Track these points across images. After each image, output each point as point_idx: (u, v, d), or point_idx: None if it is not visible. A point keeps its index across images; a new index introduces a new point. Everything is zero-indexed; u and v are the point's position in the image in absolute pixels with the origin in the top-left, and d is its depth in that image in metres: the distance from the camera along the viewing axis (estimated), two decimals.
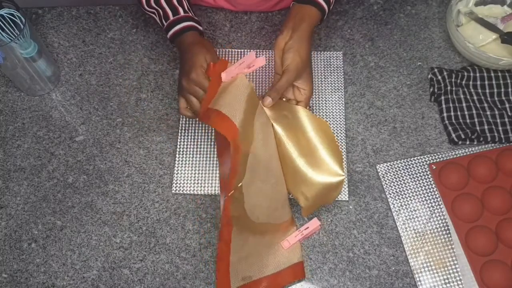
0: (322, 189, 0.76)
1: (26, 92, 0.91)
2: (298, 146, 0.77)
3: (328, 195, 0.77)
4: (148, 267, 0.78)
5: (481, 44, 0.90)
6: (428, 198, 0.81)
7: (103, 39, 0.97)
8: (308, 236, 0.77)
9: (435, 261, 0.77)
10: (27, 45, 0.81)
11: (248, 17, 0.98)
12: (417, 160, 0.84)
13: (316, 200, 0.76)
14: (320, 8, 0.78)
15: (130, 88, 0.92)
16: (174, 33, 0.81)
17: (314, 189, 0.75)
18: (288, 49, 0.74)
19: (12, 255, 0.79)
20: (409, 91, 0.91)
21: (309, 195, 0.75)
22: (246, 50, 0.95)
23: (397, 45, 0.95)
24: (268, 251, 0.76)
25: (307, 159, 0.76)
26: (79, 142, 0.87)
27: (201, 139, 0.87)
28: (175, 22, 0.81)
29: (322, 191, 0.76)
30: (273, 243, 0.77)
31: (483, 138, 0.84)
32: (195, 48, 0.77)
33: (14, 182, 0.84)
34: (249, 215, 0.72)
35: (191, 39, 0.79)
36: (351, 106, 0.89)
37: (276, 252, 0.77)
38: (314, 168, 0.76)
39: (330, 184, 0.76)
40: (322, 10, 0.79)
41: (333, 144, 0.76)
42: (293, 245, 0.77)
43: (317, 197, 0.76)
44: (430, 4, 1.00)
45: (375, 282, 0.76)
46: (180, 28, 0.80)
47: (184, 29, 0.80)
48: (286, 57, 0.74)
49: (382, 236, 0.79)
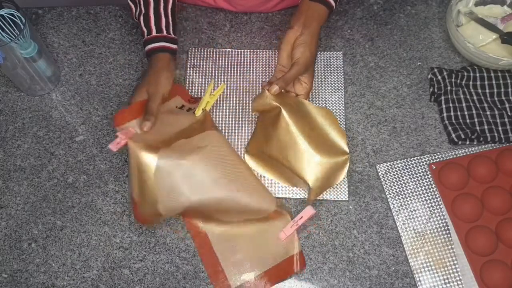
0: (330, 169, 0.79)
1: (26, 92, 0.91)
2: (304, 129, 0.79)
3: (334, 175, 0.80)
4: (148, 267, 0.78)
5: (481, 44, 0.90)
6: (428, 198, 0.81)
7: (103, 39, 0.97)
8: (303, 223, 0.77)
9: (435, 261, 0.77)
10: (27, 45, 0.81)
11: (248, 17, 0.98)
12: (417, 160, 0.84)
13: (323, 180, 0.79)
14: (328, 6, 0.82)
15: (130, 88, 0.92)
16: (145, 53, 0.85)
17: (322, 168, 0.78)
18: (299, 44, 0.78)
19: (12, 255, 0.79)
20: (409, 91, 0.91)
21: (318, 175, 0.78)
22: (246, 50, 0.95)
23: (397, 45, 0.95)
24: (263, 248, 0.77)
25: (313, 140, 0.79)
26: (79, 142, 0.87)
27: None
28: (147, 42, 0.84)
29: (329, 170, 0.79)
30: (266, 238, 0.78)
31: (483, 138, 0.84)
32: (152, 77, 0.81)
33: (14, 182, 0.84)
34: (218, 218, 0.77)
35: (155, 62, 0.83)
36: (351, 106, 0.89)
37: (272, 246, 0.77)
38: (321, 148, 0.79)
39: (336, 163, 0.79)
40: (330, 8, 0.83)
41: (337, 125, 0.83)
42: (289, 237, 0.77)
43: (325, 177, 0.79)
44: (430, 4, 1.00)
45: (375, 282, 0.76)
46: (149, 49, 0.84)
47: (153, 50, 0.84)
48: (297, 51, 0.78)
49: (382, 236, 0.79)
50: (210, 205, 0.76)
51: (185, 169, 0.74)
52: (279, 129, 0.79)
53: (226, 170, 0.77)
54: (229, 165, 0.78)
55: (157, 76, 0.81)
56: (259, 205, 0.78)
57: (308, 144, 0.78)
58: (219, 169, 0.76)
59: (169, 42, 0.85)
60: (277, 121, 0.79)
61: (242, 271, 0.76)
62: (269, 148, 0.81)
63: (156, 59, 0.83)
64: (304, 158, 0.78)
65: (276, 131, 0.80)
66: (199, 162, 0.75)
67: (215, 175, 0.75)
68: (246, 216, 0.78)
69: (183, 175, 0.74)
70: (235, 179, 0.77)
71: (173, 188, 0.74)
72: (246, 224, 0.79)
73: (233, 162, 0.79)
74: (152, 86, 0.80)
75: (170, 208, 0.75)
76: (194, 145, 0.77)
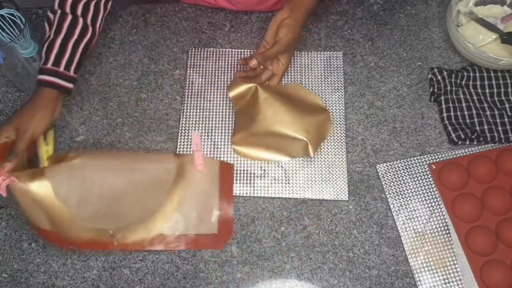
0: (317, 123, 0.86)
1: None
2: (283, 99, 0.86)
3: (324, 127, 0.87)
4: (148, 267, 0.78)
5: (481, 44, 0.90)
6: (428, 198, 0.81)
7: (103, 39, 0.97)
8: (197, 147, 0.79)
9: (435, 261, 0.77)
10: (27, 45, 0.81)
11: (248, 17, 0.98)
12: (417, 160, 0.84)
13: (315, 133, 0.85)
14: None
15: (130, 88, 0.92)
16: (39, 80, 0.79)
17: (310, 124, 0.85)
18: (284, 25, 0.82)
19: (12, 255, 0.79)
20: (409, 91, 0.91)
21: (309, 129, 0.84)
22: (246, 50, 0.95)
23: (397, 45, 0.95)
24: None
25: (294, 106, 0.86)
26: (79, 142, 0.87)
27: (201, 139, 0.87)
28: (41, 70, 0.79)
29: (317, 124, 0.86)
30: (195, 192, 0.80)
31: (483, 138, 0.84)
32: (26, 113, 0.76)
33: None
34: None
35: (37, 97, 0.78)
36: (351, 106, 0.89)
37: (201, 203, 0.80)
38: (303, 110, 0.86)
39: (321, 119, 0.87)
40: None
41: (309, 92, 0.90)
42: (204, 165, 0.80)
43: (316, 130, 0.85)
44: (430, 4, 1.00)
45: (375, 282, 0.76)
46: (39, 79, 0.78)
47: (42, 82, 0.78)
48: (281, 32, 0.82)
49: (382, 236, 0.79)
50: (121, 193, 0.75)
51: (79, 174, 0.74)
52: (260, 105, 0.85)
53: (121, 161, 0.78)
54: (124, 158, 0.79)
55: (32, 113, 0.76)
56: (163, 166, 0.79)
57: (292, 110, 0.85)
58: (114, 163, 0.77)
59: (64, 80, 0.79)
60: (256, 98, 0.85)
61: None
62: (255, 126, 0.84)
63: (40, 94, 0.78)
64: (291, 121, 0.84)
65: (258, 107, 0.85)
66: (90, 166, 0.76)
67: (112, 167, 0.76)
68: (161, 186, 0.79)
69: (81, 180, 0.74)
70: (131, 163, 0.78)
71: (79, 194, 0.73)
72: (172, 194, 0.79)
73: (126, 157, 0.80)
74: (23, 123, 0.75)
75: (89, 216, 0.74)
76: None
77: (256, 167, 0.84)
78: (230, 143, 0.86)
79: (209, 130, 0.88)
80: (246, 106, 0.87)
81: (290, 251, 0.78)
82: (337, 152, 0.85)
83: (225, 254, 0.78)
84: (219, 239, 0.78)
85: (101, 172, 0.73)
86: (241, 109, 0.87)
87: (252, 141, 0.85)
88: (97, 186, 0.72)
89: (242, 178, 0.83)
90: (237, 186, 0.83)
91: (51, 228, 0.75)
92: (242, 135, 0.85)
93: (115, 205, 0.73)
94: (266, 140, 0.84)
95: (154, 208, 0.78)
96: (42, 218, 0.75)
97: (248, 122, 0.85)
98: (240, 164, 0.85)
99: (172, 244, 0.77)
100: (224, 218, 0.79)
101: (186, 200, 0.79)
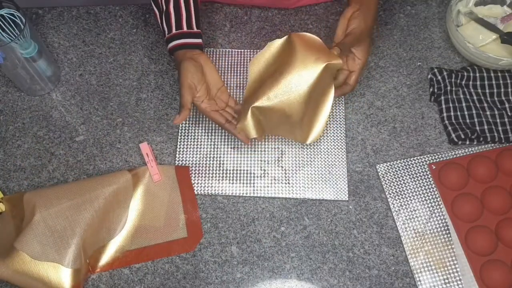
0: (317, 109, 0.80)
1: (26, 92, 0.91)
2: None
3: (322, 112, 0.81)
4: (148, 267, 0.78)
5: (481, 44, 0.90)
6: (428, 198, 0.81)
7: (103, 39, 0.97)
8: (152, 157, 0.82)
9: (435, 261, 0.77)
10: (27, 45, 0.81)
11: (248, 17, 0.98)
12: (417, 160, 0.84)
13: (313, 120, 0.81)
14: None
15: (130, 88, 0.92)
16: (169, 50, 0.83)
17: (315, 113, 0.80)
18: (355, 17, 0.78)
19: None
20: (409, 91, 0.91)
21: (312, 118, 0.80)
22: (246, 50, 0.95)
23: (397, 45, 0.95)
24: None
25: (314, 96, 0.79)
26: (79, 142, 0.87)
27: (201, 139, 0.87)
28: (168, 40, 0.82)
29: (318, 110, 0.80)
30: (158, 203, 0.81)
31: (483, 138, 0.85)
32: (182, 68, 0.79)
33: (14, 182, 0.84)
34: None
35: (181, 57, 0.80)
36: (351, 106, 0.89)
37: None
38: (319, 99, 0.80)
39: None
40: None
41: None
42: (158, 175, 0.82)
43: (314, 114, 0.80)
44: (430, 4, 1.00)
45: (375, 282, 0.76)
46: (172, 46, 0.82)
47: (175, 47, 0.81)
48: (352, 23, 0.78)
49: (382, 236, 0.79)
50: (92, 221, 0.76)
51: (44, 228, 0.74)
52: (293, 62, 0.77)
53: (78, 195, 0.77)
54: (79, 191, 0.78)
55: (179, 72, 0.79)
56: (119, 185, 0.79)
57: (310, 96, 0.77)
58: (73, 202, 0.76)
59: (191, 37, 0.82)
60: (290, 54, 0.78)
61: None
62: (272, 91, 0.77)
63: (178, 61, 0.81)
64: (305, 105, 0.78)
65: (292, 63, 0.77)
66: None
67: (73, 206, 0.76)
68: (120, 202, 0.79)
69: (49, 232, 0.74)
70: (88, 194, 0.77)
71: (56, 244, 0.73)
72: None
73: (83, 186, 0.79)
74: (180, 80, 0.79)
75: (72, 258, 0.74)
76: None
77: (256, 167, 0.84)
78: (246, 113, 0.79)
79: (209, 130, 0.88)
80: (266, 75, 0.81)
81: (290, 251, 0.78)
82: (337, 152, 0.85)
83: (225, 254, 0.78)
84: (191, 241, 0.79)
85: (64, 216, 0.74)
86: (256, 77, 0.83)
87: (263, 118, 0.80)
88: (67, 229, 0.74)
89: (242, 178, 0.84)
90: (237, 186, 0.83)
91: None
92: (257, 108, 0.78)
93: (86, 235, 0.75)
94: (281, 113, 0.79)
95: (119, 227, 0.79)
96: (36, 284, 0.74)
97: (265, 88, 0.79)
98: (240, 164, 0.85)
99: (146, 257, 0.78)
100: (191, 221, 0.80)
101: (149, 212, 0.80)
